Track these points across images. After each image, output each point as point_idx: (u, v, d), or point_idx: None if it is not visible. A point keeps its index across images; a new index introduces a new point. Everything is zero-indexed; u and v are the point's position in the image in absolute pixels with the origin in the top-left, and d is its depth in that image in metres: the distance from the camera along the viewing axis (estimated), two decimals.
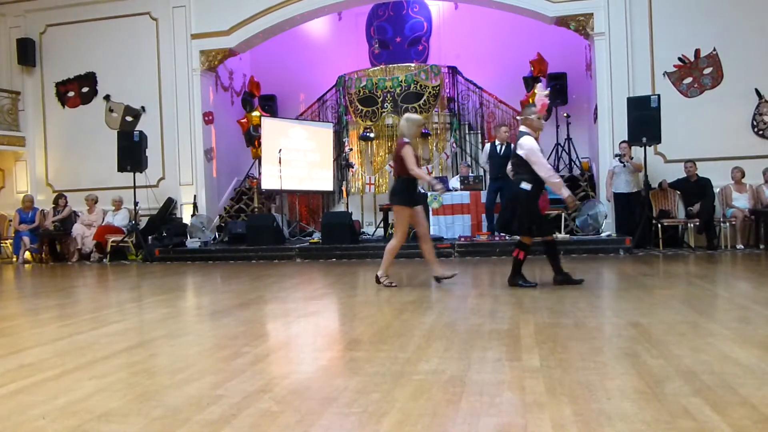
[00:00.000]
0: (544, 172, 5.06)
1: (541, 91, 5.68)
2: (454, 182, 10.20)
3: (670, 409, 2.10)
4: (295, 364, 3.04)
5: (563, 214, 9.52)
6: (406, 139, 5.43)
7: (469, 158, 11.33)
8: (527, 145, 5.09)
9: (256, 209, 11.79)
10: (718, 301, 4.56)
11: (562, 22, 10.23)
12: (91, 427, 2.13)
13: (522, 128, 5.29)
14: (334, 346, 3.45)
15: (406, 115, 5.73)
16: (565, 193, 5.14)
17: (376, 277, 5.60)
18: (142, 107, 11.97)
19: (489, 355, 2.94)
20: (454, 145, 11.30)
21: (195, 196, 11.48)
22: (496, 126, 10.49)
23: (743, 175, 9.10)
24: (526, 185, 5.10)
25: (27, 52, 12.24)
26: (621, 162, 9.20)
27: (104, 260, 10.55)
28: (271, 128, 11.24)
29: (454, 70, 11.63)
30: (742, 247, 8.80)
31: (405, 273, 7.08)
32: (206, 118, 11.72)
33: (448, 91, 11.53)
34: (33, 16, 12.44)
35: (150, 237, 10.69)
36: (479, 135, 11.64)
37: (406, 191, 5.44)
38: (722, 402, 2.15)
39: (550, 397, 2.26)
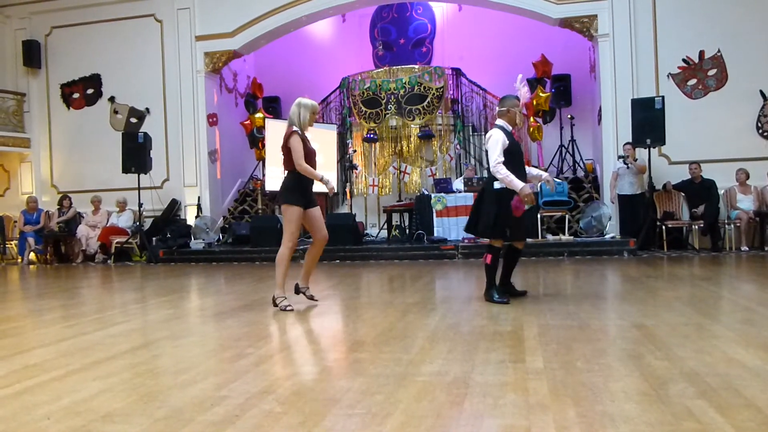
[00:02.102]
0: (491, 164, 4.52)
1: (520, 84, 5.15)
2: (458, 184, 10.19)
3: (674, 411, 2.09)
4: (298, 366, 3.04)
5: (567, 215, 9.52)
6: (294, 128, 4.69)
7: (472, 160, 11.33)
8: (492, 138, 4.58)
9: (259, 210, 11.80)
10: (722, 303, 4.55)
11: (566, 23, 10.23)
12: (95, 427, 2.14)
13: (499, 122, 4.73)
14: (338, 347, 3.45)
15: (299, 99, 4.85)
16: (517, 185, 4.43)
17: (273, 298, 4.76)
18: (147, 109, 12.01)
19: (492, 356, 2.94)
20: (458, 146, 11.30)
21: (199, 197, 11.52)
22: None
23: (748, 177, 9.08)
24: (497, 184, 4.56)
25: (32, 54, 12.30)
26: (625, 163, 9.18)
27: (108, 261, 10.58)
28: (274, 130, 11.23)
29: (457, 72, 11.64)
30: (747, 248, 8.77)
31: (408, 275, 7.08)
32: (210, 120, 11.75)
33: (451, 92, 11.54)
34: (38, 18, 12.50)
35: (154, 238, 10.72)
36: (483, 137, 11.61)
37: (297, 188, 4.69)
38: (726, 404, 2.15)
39: (553, 399, 2.26)
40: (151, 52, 11.92)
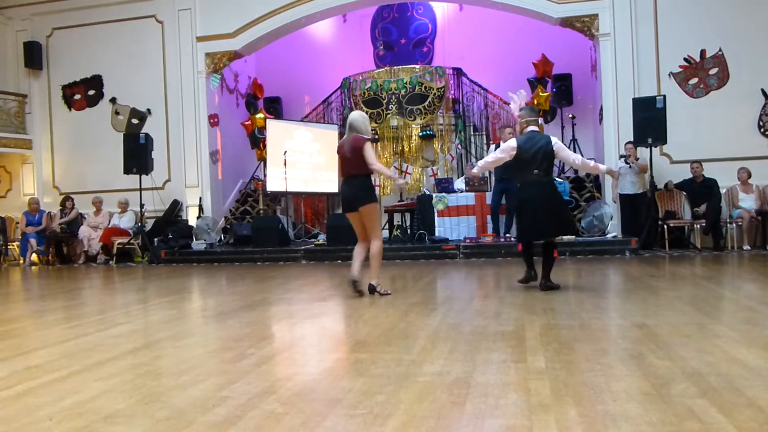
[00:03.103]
0: (580, 160, 5.40)
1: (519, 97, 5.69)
2: (459, 184, 10.19)
3: (676, 411, 2.09)
4: (300, 366, 3.04)
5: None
6: (366, 136, 5.26)
7: (474, 159, 11.31)
8: (559, 142, 5.28)
9: (261, 211, 11.80)
10: (724, 302, 4.54)
11: (567, 23, 10.22)
12: (97, 428, 2.14)
13: (535, 128, 5.34)
14: (339, 347, 3.45)
15: (362, 113, 5.55)
16: (603, 168, 5.85)
17: (370, 286, 5.24)
18: (148, 110, 12.02)
19: (494, 356, 2.93)
20: (459, 146, 11.30)
21: (200, 198, 11.52)
22: (500, 127, 10.48)
23: (749, 176, 9.07)
24: (557, 183, 5.46)
25: (34, 55, 12.31)
26: (626, 163, 9.18)
27: (110, 262, 10.60)
28: (276, 130, 11.25)
29: (458, 72, 11.63)
30: (749, 248, 8.76)
31: (410, 274, 7.08)
32: (211, 121, 11.76)
33: (452, 92, 11.53)
34: (40, 19, 12.52)
35: (156, 239, 10.73)
36: (484, 136, 11.64)
37: (373, 189, 5.34)
38: (729, 404, 2.14)
39: (555, 399, 2.26)
40: (152, 53, 11.93)
